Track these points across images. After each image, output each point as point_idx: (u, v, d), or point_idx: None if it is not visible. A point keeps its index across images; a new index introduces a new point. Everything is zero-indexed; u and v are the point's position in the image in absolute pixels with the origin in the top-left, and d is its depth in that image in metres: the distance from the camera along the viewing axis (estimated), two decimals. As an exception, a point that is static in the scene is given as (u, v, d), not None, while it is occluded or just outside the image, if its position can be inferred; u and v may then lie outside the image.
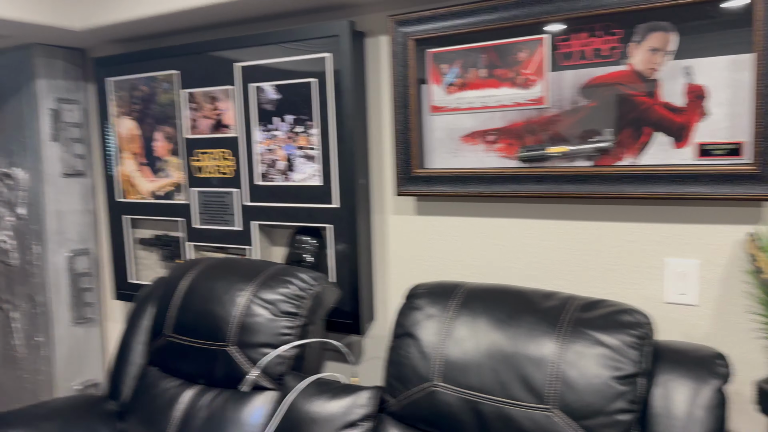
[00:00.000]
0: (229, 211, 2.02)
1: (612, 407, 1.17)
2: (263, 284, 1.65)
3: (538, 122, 1.54)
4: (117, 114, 2.24)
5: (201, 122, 2.03)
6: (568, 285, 1.58)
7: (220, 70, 1.96)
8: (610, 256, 1.52)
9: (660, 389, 1.22)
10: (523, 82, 1.55)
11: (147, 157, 2.19)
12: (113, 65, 2.21)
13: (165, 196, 2.16)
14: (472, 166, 1.65)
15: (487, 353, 1.30)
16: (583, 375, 1.20)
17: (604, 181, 1.46)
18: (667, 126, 1.40)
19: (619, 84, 1.44)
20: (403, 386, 1.39)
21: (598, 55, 1.45)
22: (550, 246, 1.60)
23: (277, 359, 1.57)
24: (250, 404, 1.56)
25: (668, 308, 1.47)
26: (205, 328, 1.65)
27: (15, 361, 2.52)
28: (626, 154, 1.45)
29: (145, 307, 1.90)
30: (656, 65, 1.39)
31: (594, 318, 1.26)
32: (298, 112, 1.84)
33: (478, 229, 1.70)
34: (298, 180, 1.87)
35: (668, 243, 1.45)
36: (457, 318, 1.38)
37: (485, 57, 1.59)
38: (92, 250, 2.47)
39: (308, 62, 1.80)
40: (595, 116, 1.47)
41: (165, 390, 1.69)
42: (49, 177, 2.32)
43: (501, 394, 1.25)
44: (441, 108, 1.68)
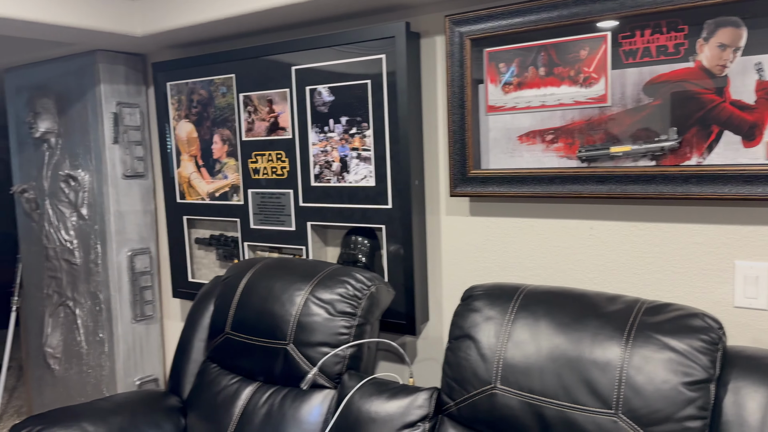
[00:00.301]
0: (284, 211, 2.05)
1: (681, 414, 1.14)
2: (320, 284, 1.67)
3: (600, 121, 1.51)
4: (176, 117, 2.30)
5: (257, 125, 2.07)
6: (632, 288, 1.55)
7: (275, 73, 1.99)
8: (676, 259, 1.48)
9: (732, 396, 1.18)
10: (584, 80, 1.52)
11: (205, 159, 2.24)
12: (172, 70, 2.27)
13: (222, 197, 2.21)
14: (530, 166, 1.63)
15: (549, 357, 1.28)
16: (650, 380, 1.17)
17: (670, 181, 1.42)
18: (736, 124, 1.35)
19: (685, 81, 1.40)
20: (462, 388, 1.39)
21: (663, 52, 1.41)
22: (612, 248, 1.57)
23: (335, 358, 1.59)
24: (308, 402, 1.58)
25: (738, 313, 1.42)
26: (265, 327, 1.68)
27: (79, 357, 2.62)
28: (693, 154, 1.41)
29: (204, 306, 1.94)
30: (725, 62, 1.35)
31: (662, 322, 1.23)
32: (352, 113, 1.85)
33: (536, 230, 1.68)
34: (352, 181, 1.88)
35: (738, 245, 1.41)
36: (517, 320, 1.36)
37: (544, 55, 1.57)
38: (152, 249, 2.55)
39: (363, 64, 1.81)
40: (660, 115, 1.43)
41: (225, 386, 1.73)
42: (110, 178, 2.40)
43: (564, 398, 1.24)
44: (497, 107, 1.66)
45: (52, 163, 2.62)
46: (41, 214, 2.71)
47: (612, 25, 1.46)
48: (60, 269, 2.66)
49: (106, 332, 2.49)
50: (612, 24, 1.46)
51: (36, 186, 2.72)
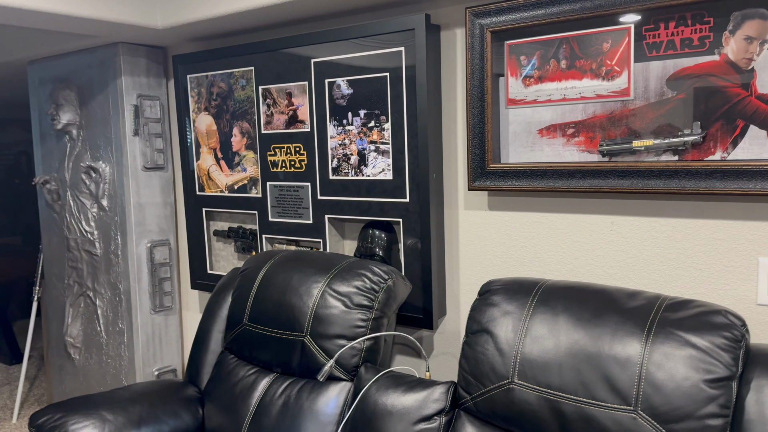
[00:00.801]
0: (302, 204, 2.05)
1: (702, 411, 1.12)
2: (337, 277, 1.67)
3: (622, 115, 1.49)
4: (195, 110, 2.31)
5: (276, 118, 2.07)
6: (653, 285, 1.53)
7: (295, 66, 1.99)
8: (698, 255, 1.46)
9: (754, 394, 1.16)
10: (607, 73, 1.50)
11: (224, 151, 2.25)
12: (192, 62, 2.29)
13: (241, 190, 2.22)
14: (550, 160, 1.62)
15: (568, 352, 1.27)
16: (671, 377, 1.15)
17: (693, 176, 1.40)
18: (762, 119, 1.33)
19: (710, 75, 1.37)
20: (479, 382, 1.38)
21: (687, 45, 1.39)
22: (633, 244, 1.55)
23: (351, 351, 1.59)
24: (325, 394, 1.58)
25: (761, 310, 1.39)
26: (282, 319, 1.68)
27: (99, 347, 2.66)
28: (717, 149, 1.38)
29: (222, 297, 1.96)
30: (752, 55, 1.32)
31: (683, 318, 1.21)
32: (371, 106, 1.85)
33: (556, 225, 1.67)
34: (370, 174, 1.88)
35: (762, 242, 1.38)
36: (535, 315, 1.35)
37: (566, 48, 1.55)
38: (171, 241, 2.57)
39: (382, 57, 1.80)
40: (683, 109, 1.41)
41: (243, 377, 1.74)
42: (130, 170, 2.42)
43: (583, 394, 1.23)
44: (518, 101, 1.65)
45: (74, 155, 2.65)
46: (63, 205, 2.75)
47: (635, 17, 1.44)
48: (81, 260, 2.69)
49: (125, 323, 2.52)
50: (635, 16, 1.44)
51: (58, 177, 2.76)
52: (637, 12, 1.43)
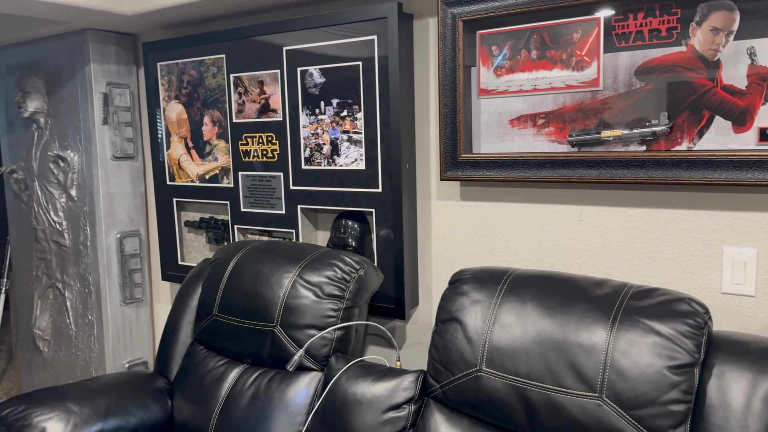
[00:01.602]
0: (274, 195, 2.03)
1: (665, 397, 1.14)
2: (308, 267, 1.66)
3: (591, 105, 1.50)
4: (166, 98, 2.28)
5: (248, 106, 2.05)
6: (620, 273, 1.55)
7: (266, 54, 1.97)
8: (665, 244, 1.48)
9: (716, 380, 1.18)
10: (576, 63, 1.51)
11: (195, 140, 2.22)
12: (162, 50, 2.25)
13: (212, 180, 2.19)
14: (521, 150, 1.62)
15: (535, 340, 1.28)
16: (635, 364, 1.17)
17: (660, 166, 1.41)
18: (727, 110, 1.34)
19: (678, 66, 1.39)
20: (448, 371, 1.39)
21: (655, 35, 1.40)
22: (601, 233, 1.56)
23: (322, 341, 1.58)
24: (295, 384, 1.57)
25: (725, 299, 1.42)
26: (252, 309, 1.67)
27: (69, 339, 2.61)
28: (683, 139, 1.40)
29: (192, 288, 1.93)
30: (718, 46, 1.34)
31: (648, 306, 1.23)
32: (343, 96, 1.84)
33: (526, 215, 1.67)
34: (343, 164, 1.87)
35: (726, 231, 1.40)
36: (504, 304, 1.36)
37: (537, 38, 1.56)
38: (141, 232, 2.53)
39: (355, 45, 1.79)
40: (651, 99, 1.42)
41: (212, 368, 1.72)
42: (99, 160, 2.38)
43: (550, 381, 1.23)
44: (489, 91, 1.65)
45: (42, 144, 2.59)
46: (30, 195, 2.69)
47: (605, 7, 1.45)
48: (49, 251, 2.64)
49: (95, 315, 2.48)
50: (605, 6, 1.45)
51: (25, 166, 2.70)
52: (607, 2, 1.44)
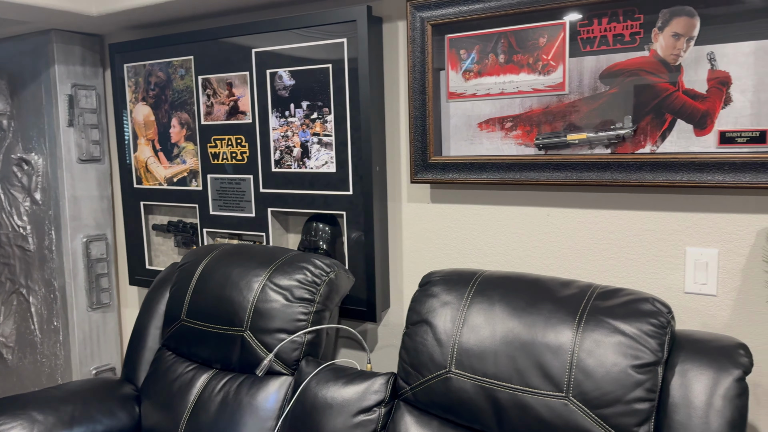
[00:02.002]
0: (244, 197, 2.02)
1: (630, 396, 1.16)
2: (278, 270, 1.65)
3: (557, 109, 1.52)
4: (133, 100, 2.24)
5: (216, 108, 2.03)
6: (586, 274, 1.57)
7: (235, 56, 1.96)
8: (629, 245, 1.51)
9: (679, 378, 1.21)
10: (543, 68, 1.53)
11: (162, 143, 2.19)
12: (129, 51, 2.21)
13: (180, 183, 2.17)
14: (489, 153, 1.64)
15: (503, 341, 1.29)
16: (601, 363, 1.19)
17: (624, 168, 1.44)
18: (689, 113, 1.38)
19: (641, 70, 1.41)
20: (418, 373, 1.39)
21: (619, 40, 1.43)
22: (568, 235, 1.58)
23: (292, 345, 1.57)
24: (265, 389, 1.56)
25: (688, 298, 1.45)
26: (221, 313, 1.65)
27: (33, 346, 2.55)
28: (647, 142, 1.43)
29: (160, 293, 1.91)
30: (679, 51, 1.37)
31: (613, 306, 1.25)
32: (313, 98, 1.83)
33: (495, 217, 1.69)
34: (313, 167, 1.86)
35: (689, 232, 1.44)
36: (473, 305, 1.37)
37: (504, 42, 1.57)
38: (108, 236, 2.49)
39: (325, 48, 1.79)
40: (616, 103, 1.45)
41: (181, 374, 1.70)
42: (65, 163, 2.33)
43: (517, 382, 1.25)
44: (458, 94, 1.66)
45: (4, 146, 2.53)
46: (-7, 199, 2.62)
47: (570, 12, 1.47)
48: (13, 256, 2.58)
49: (61, 321, 2.43)
50: (570, 11, 1.47)
51: (-13, 170, 2.63)
52: (572, 8, 1.46)
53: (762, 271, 1.36)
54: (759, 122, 1.31)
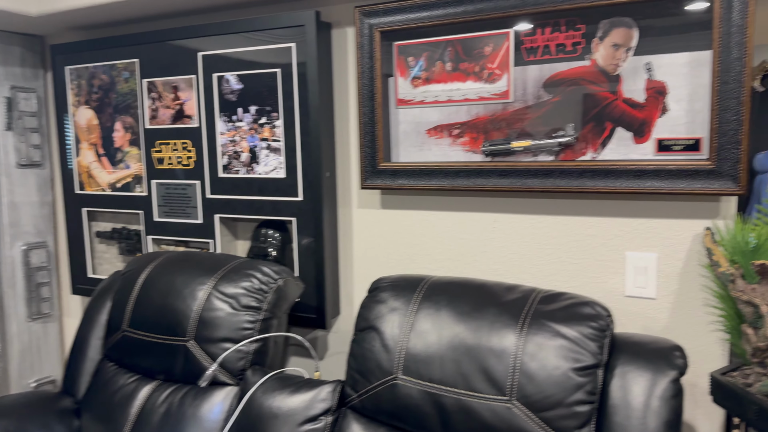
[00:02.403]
0: (190, 203, 1.98)
1: (571, 399, 1.18)
2: (224, 278, 1.62)
3: (503, 116, 1.54)
4: (75, 103, 2.17)
5: (162, 112, 1.98)
6: (531, 279, 1.59)
7: (181, 59, 1.92)
8: (572, 250, 1.54)
9: (618, 380, 1.23)
10: (488, 76, 1.55)
11: (106, 147, 2.13)
12: (71, 53, 2.15)
13: (124, 188, 2.11)
14: (438, 159, 1.65)
15: (449, 346, 1.30)
16: (543, 367, 1.20)
17: (567, 175, 1.47)
18: (628, 122, 1.42)
19: (582, 79, 1.45)
20: (366, 380, 1.38)
21: (561, 50, 1.46)
22: (514, 240, 1.61)
23: (238, 354, 1.54)
24: (209, 400, 1.53)
25: (628, 301, 1.49)
26: (164, 323, 1.61)
27: (-33, 358, 2.43)
28: (588, 149, 1.46)
29: (102, 302, 1.85)
30: (618, 61, 1.41)
31: (554, 310, 1.27)
32: (262, 103, 1.81)
33: (444, 222, 1.70)
34: (262, 172, 1.84)
35: (629, 237, 1.47)
36: (420, 311, 1.37)
37: (451, 50, 1.59)
38: (49, 243, 2.40)
39: (273, 52, 1.77)
40: (558, 111, 1.48)
41: (123, 385, 1.64)
42: (3, 167, 2.24)
43: (462, 386, 1.25)
44: (407, 101, 1.67)
45: (-63, 150, 2.41)
46: (-76, 206, 2.49)
47: (514, 22, 1.50)
48: (-55, 265, 2.45)
49: (-3, 332, 2.32)
50: (514, 21, 1.50)
51: None
52: (516, 17, 1.49)
53: (698, 274, 1.41)
54: (693, 131, 1.35)
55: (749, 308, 1.16)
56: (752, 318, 1.15)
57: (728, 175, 1.31)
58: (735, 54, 1.28)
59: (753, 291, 1.15)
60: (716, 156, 1.32)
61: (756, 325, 1.15)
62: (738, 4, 1.26)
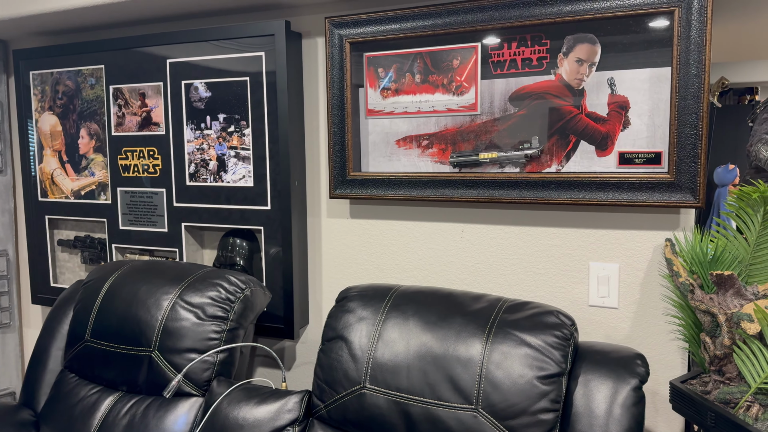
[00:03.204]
0: (156, 212, 1.95)
1: (535, 407, 1.20)
2: (190, 287, 1.60)
3: (471, 128, 1.57)
4: (39, 109, 2.13)
5: (128, 119, 1.96)
6: (498, 288, 1.61)
7: (149, 66, 1.90)
8: (538, 260, 1.56)
9: (581, 388, 1.26)
10: (456, 88, 1.57)
11: (70, 154, 2.09)
12: (36, 58, 2.11)
13: (88, 196, 2.07)
14: (407, 170, 1.66)
15: (416, 355, 1.30)
16: (508, 375, 1.22)
17: (532, 186, 1.50)
18: (591, 135, 1.45)
19: (547, 93, 1.48)
20: (333, 389, 1.38)
21: (527, 64, 1.49)
22: (481, 250, 1.63)
23: (203, 365, 1.52)
24: (173, 411, 1.50)
25: (592, 311, 1.51)
26: (128, 333, 1.58)
27: None
28: (553, 162, 1.49)
29: (63, 312, 1.80)
30: (582, 76, 1.44)
31: (520, 319, 1.29)
32: (230, 111, 1.80)
33: (412, 233, 1.71)
34: (230, 181, 1.83)
35: (592, 248, 1.50)
36: (388, 320, 1.38)
37: (420, 63, 1.61)
38: (9, 251, 2.34)
39: (242, 61, 1.76)
40: (525, 124, 1.51)
41: (84, 397, 1.61)
42: (-39, 173, 2.18)
43: (429, 395, 1.26)
44: (376, 112, 1.68)
45: None
46: None
47: (482, 36, 1.52)
48: None
49: (-48, 343, 2.25)
50: (482, 35, 1.52)
51: None
52: (484, 32, 1.52)
53: (659, 284, 1.44)
54: (654, 144, 1.39)
55: (707, 317, 1.19)
56: (710, 327, 1.19)
57: (687, 188, 1.36)
58: (693, 70, 1.32)
59: (711, 300, 1.19)
60: (676, 169, 1.36)
61: (714, 334, 1.19)
62: (696, 22, 1.31)
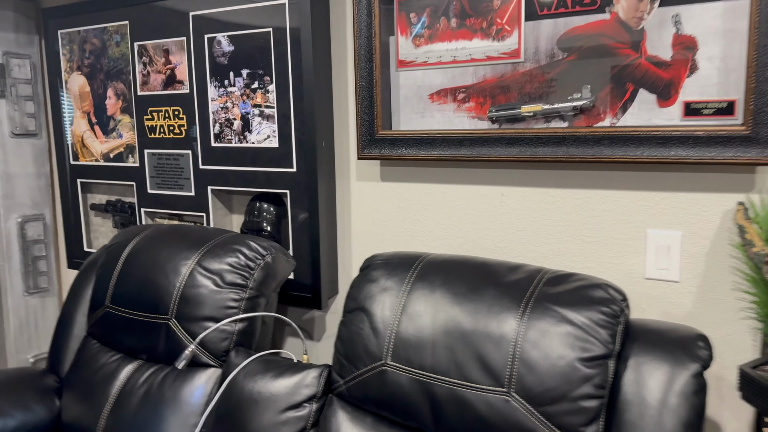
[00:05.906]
0: (182, 174, 1.87)
1: (576, 392, 1.04)
2: (209, 253, 1.51)
3: (512, 78, 1.39)
4: (68, 69, 2.08)
5: (153, 77, 1.87)
6: (542, 259, 1.45)
7: (172, 20, 1.80)
8: (587, 227, 1.39)
9: (632, 373, 1.10)
10: (497, 33, 1.40)
11: (98, 115, 2.03)
12: (64, 16, 2.05)
13: (117, 158, 2.01)
14: (441, 127, 1.51)
15: (443, 330, 1.17)
16: (545, 356, 1.07)
17: (582, 143, 1.32)
18: (651, 82, 1.25)
19: (601, 35, 1.29)
20: (353, 365, 1.26)
21: (578, 2, 1.30)
22: (523, 216, 1.46)
23: (221, 334, 1.44)
24: (191, 382, 1.43)
25: (648, 284, 1.33)
26: (147, 299, 1.51)
27: (-35, 332, 2.40)
28: (606, 114, 1.30)
29: (88, 277, 1.76)
30: (642, 13, 1.24)
31: (562, 293, 1.13)
32: (254, 66, 1.68)
33: (447, 196, 1.56)
34: (255, 141, 1.72)
35: (650, 213, 1.32)
36: (413, 291, 1.24)
37: (456, 5, 1.44)
38: (47, 216, 2.33)
39: (265, 11, 1.64)
40: (574, 72, 1.32)
41: (104, 364, 1.56)
42: (-2, 137, 2.17)
43: (456, 375, 1.13)
44: (408, 63, 1.53)
45: (-67, 119, 2.35)
46: (-77, 176, 2.45)
47: (526, -29, 1.34)
48: (-55, 237, 2.41)
49: (-6, 306, 2.27)
50: (526, -30, 1.34)
51: None
52: (528, -35, 1.33)
53: (727, 255, 1.25)
54: (727, 92, 1.19)
55: (787, 294, 1.00)
56: (790, 305, 1.00)
57: (766, 143, 1.15)
58: (778, 2, 1.10)
59: (792, 274, 1.00)
60: (752, 120, 1.15)
61: (794, 314, 1.00)
62: (784, -58, 1.08)
